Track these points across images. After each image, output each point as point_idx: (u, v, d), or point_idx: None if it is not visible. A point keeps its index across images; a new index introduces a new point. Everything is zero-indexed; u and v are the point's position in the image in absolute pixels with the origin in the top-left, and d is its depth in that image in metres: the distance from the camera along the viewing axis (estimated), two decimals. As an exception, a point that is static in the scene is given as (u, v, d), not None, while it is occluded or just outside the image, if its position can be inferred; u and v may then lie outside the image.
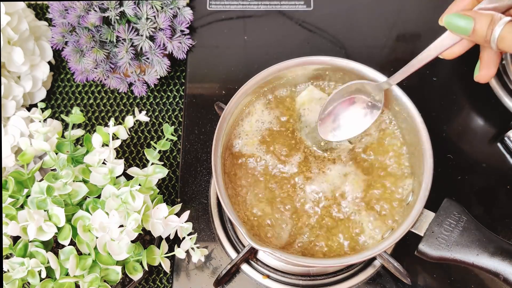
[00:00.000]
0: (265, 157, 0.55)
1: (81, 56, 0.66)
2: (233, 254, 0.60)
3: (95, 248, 0.48)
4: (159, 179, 0.55)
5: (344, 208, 0.52)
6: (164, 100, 0.71)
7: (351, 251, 0.51)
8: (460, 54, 0.44)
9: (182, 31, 0.69)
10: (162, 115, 0.70)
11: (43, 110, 0.53)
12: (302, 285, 0.58)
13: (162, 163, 0.55)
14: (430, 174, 0.49)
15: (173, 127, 0.55)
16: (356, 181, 0.53)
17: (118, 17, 0.64)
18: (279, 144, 0.55)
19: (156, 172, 0.54)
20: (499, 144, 0.65)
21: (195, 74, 0.71)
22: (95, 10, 0.64)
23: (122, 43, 0.65)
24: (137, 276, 0.51)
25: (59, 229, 0.49)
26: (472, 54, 0.68)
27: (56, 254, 0.49)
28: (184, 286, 0.59)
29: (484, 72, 0.42)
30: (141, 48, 0.65)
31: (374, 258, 0.59)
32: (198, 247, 0.52)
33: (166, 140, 0.54)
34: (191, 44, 0.69)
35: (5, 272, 0.47)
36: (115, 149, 0.52)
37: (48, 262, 0.48)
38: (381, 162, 0.54)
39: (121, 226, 0.48)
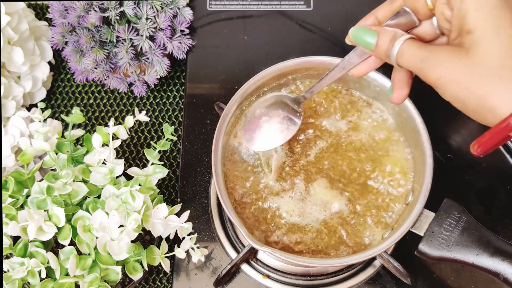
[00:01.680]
0: (266, 158, 0.55)
1: (81, 56, 0.66)
2: (233, 254, 0.60)
3: (95, 248, 0.48)
4: (159, 179, 0.55)
5: (344, 208, 0.52)
6: (164, 100, 0.71)
7: (351, 250, 0.51)
8: (366, 73, 0.45)
9: (182, 31, 0.69)
10: (162, 115, 0.70)
11: (43, 110, 0.53)
12: (302, 285, 0.58)
13: (162, 163, 0.55)
14: (430, 174, 0.49)
15: (173, 127, 0.55)
16: (356, 181, 0.53)
17: (118, 17, 0.64)
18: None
19: (156, 172, 0.54)
20: (499, 144, 0.65)
21: (195, 74, 0.71)
22: (95, 10, 0.64)
23: (122, 43, 0.65)
24: (137, 276, 0.51)
25: (59, 229, 0.49)
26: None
27: (56, 254, 0.49)
28: (184, 286, 0.59)
29: (396, 94, 0.43)
30: (141, 48, 0.65)
31: (374, 258, 0.59)
32: (198, 247, 0.52)
33: (166, 140, 0.54)
34: (191, 44, 0.69)
35: (5, 272, 0.47)
36: (115, 149, 0.52)
37: (48, 262, 0.48)
38: (380, 162, 0.54)
39: (121, 226, 0.48)
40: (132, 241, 0.49)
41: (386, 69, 0.55)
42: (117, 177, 0.54)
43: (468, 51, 0.35)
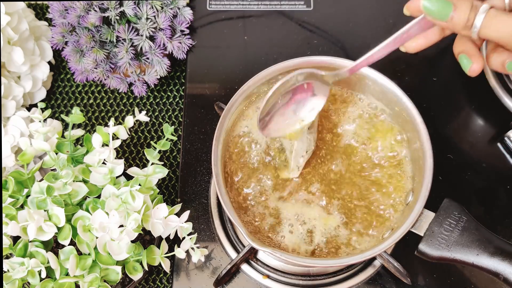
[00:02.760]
0: (266, 158, 0.55)
1: (81, 56, 0.66)
2: (233, 254, 0.60)
3: (95, 248, 0.48)
4: (159, 179, 0.55)
5: (345, 209, 0.52)
6: (164, 100, 0.71)
7: (352, 250, 0.51)
8: (425, 47, 0.41)
9: (182, 31, 0.69)
10: (162, 115, 0.70)
11: (43, 110, 0.53)
12: (302, 285, 0.58)
13: (162, 163, 0.55)
14: (430, 174, 0.49)
15: (173, 127, 0.55)
16: (355, 181, 0.53)
17: (118, 17, 0.64)
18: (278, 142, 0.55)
19: (156, 172, 0.54)
20: (499, 144, 0.65)
21: (195, 74, 0.71)
22: (95, 10, 0.64)
23: (122, 43, 0.65)
24: (137, 276, 0.51)
25: (59, 229, 0.49)
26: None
27: (56, 254, 0.49)
28: (184, 286, 0.59)
29: (476, 65, 0.41)
30: (141, 48, 0.65)
31: (374, 258, 0.59)
32: (198, 247, 0.52)
33: (166, 140, 0.54)
34: (191, 44, 0.69)
35: (5, 272, 0.47)
36: (115, 149, 0.52)
37: (48, 262, 0.48)
38: (380, 162, 0.54)
39: (121, 226, 0.48)
40: (132, 241, 0.49)
41: (384, 69, 0.55)
42: (117, 177, 0.54)
43: None
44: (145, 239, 0.57)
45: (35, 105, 0.69)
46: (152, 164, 0.54)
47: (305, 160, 0.53)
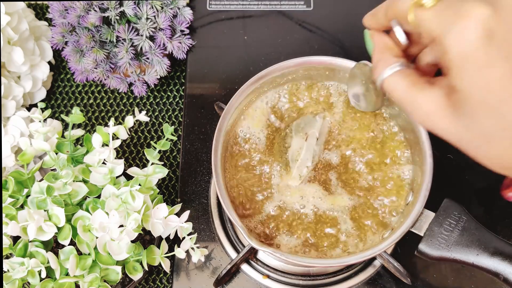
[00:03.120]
0: (266, 158, 0.55)
1: (81, 56, 0.66)
2: (233, 254, 0.60)
3: (95, 248, 0.48)
4: (159, 179, 0.55)
5: (346, 209, 0.52)
6: (164, 100, 0.71)
7: (352, 250, 0.51)
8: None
9: (182, 31, 0.69)
10: (162, 115, 0.70)
11: (43, 110, 0.53)
12: (302, 285, 0.58)
13: (162, 163, 0.55)
14: (430, 174, 0.49)
15: (173, 127, 0.55)
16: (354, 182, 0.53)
17: (118, 17, 0.64)
18: (279, 144, 0.55)
19: (156, 172, 0.54)
20: (499, 144, 0.65)
21: (195, 74, 0.71)
22: (95, 10, 0.64)
23: (122, 43, 0.65)
24: (137, 276, 0.51)
25: (59, 229, 0.49)
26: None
27: (56, 254, 0.49)
28: (184, 286, 0.59)
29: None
30: (141, 48, 0.65)
31: (374, 258, 0.59)
32: (198, 247, 0.52)
33: (166, 140, 0.54)
34: (191, 44, 0.69)
35: (5, 272, 0.47)
36: (115, 149, 0.52)
37: (48, 262, 0.48)
38: (380, 162, 0.54)
39: (121, 226, 0.48)
40: (132, 241, 0.49)
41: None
42: (117, 177, 0.54)
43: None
44: (145, 239, 0.57)
45: (35, 105, 0.69)
46: (152, 164, 0.54)
47: (309, 171, 0.53)
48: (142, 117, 0.54)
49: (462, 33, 0.28)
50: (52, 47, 0.68)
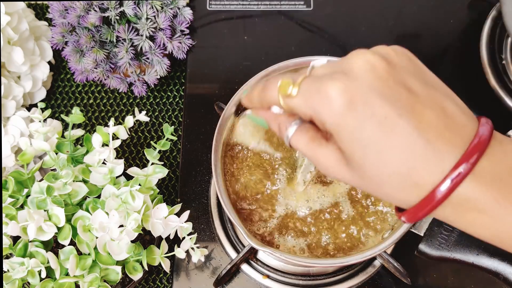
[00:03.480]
0: (266, 157, 0.55)
1: (81, 56, 0.66)
2: (233, 254, 0.60)
3: (95, 248, 0.48)
4: (159, 179, 0.55)
5: (344, 210, 0.52)
6: (164, 100, 0.71)
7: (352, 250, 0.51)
8: None
9: (182, 31, 0.69)
10: (162, 115, 0.70)
11: (43, 110, 0.53)
12: (302, 285, 0.58)
13: (162, 163, 0.55)
14: (430, 174, 0.49)
15: (173, 127, 0.55)
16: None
17: (118, 17, 0.64)
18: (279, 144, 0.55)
19: (156, 172, 0.54)
20: (499, 144, 0.65)
21: (195, 74, 0.71)
22: (95, 10, 0.64)
23: (122, 43, 0.65)
24: (137, 276, 0.51)
25: (59, 229, 0.49)
26: (472, 54, 0.68)
27: (56, 254, 0.49)
28: (184, 286, 0.59)
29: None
30: (141, 48, 0.65)
31: (374, 258, 0.59)
32: (198, 247, 0.52)
33: (166, 140, 0.54)
34: (191, 44, 0.69)
35: (5, 272, 0.47)
36: (115, 149, 0.52)
37: (48, 262, 0.48)
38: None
39: (121, 226, 0.48)
40: (132, 241, 0.49)
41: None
42: (117, 177, 0.54)
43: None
44: (145, 239, 0.57)
45: (35, 105, 0.69)
46: (152, 164, 0.54)
47: (313, 176, 0.53)
48: (142, 117, 0.54)
49: (328, 109, 0.32)
50: (52, 47, 0.68)
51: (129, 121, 0.54)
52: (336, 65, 0.34)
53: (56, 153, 0.53)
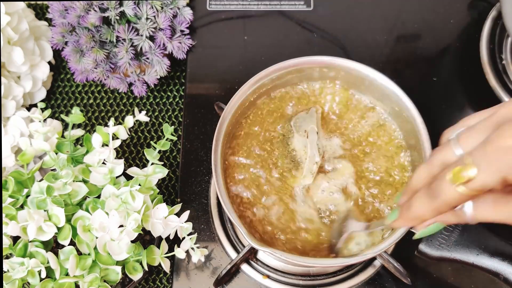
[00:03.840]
0: (266, 157, 0.55)
1: (81, 56, 0.66)
2: (233, 254, 0.60)
3: (95, 248, 0.48)
4: (159, 179, 0.55)
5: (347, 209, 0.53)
6: (164, 100, 0.71)
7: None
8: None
9: (182, 31, 0.69)
10: (162, 115, 0.70)
11: (43, 110, 0.53)
12: (302, 285, 0.58)
13: (162, 163, 0.55)
14: (430, 174, 0.49)
15: (173, 127, 0.55)
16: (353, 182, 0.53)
17: (118, 17, 0.64)
18: (282, 148, 0.55)
19: (156, 172, 0.54)
20: (499, 144, 0.65)
21: (195, 74, 0.71)
22: (95, 10, 0.64)
23: (122, 43, 0.65)
24: (137, 276, 0.51)
25: (59, 229, 0.49)
26: (472, 54, 0.68)
27: (56, 254, 0.49)
28: (184, 286, 0.59)
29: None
30: (141, 48, 0.65)
31: (374, 258, 0.59)
32: (198, 247, 0.52)
33: (166, 140, 0.54)
34: (191, 44, 0.69)
35: (5, 272, 0.47)
36: (115, 149, 0.52)
37: (48, 262, 0.48)
38: (380, 162, 0.54)
39: (121, 226, 0.48)
40: (132, 241, 0.49)
41: (384, 69, 0.55)
42: (117, 177, 0.54)
43: None
44: (145, 239, 0.57)
45: (35, 105, 0.69)
46: (152, 164, 0.54)
47: (318, 166, 0.53)
48: (142, 117, 0.54)
49: None
50: (52, 47, 0.68)
51: (129, 121, 0.54)
52: (490, 120, 0.33)
53: (56, 153, 0.53)
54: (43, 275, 0.47)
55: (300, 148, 0.53)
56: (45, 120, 0.53)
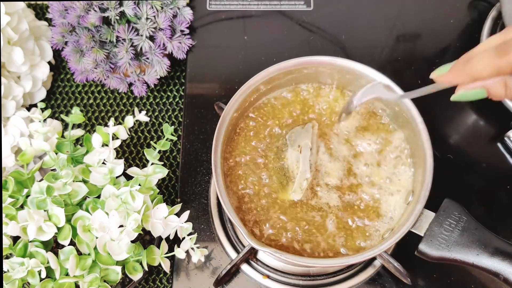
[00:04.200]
0: (265, 157, 0.55)
1: (81, 56, 0.66)
2: (233, 254, 0.60)
3: (95, 248, 0.48)
4: (159, 179, 0.55)
5: (347, 209, 0.52)
6: (164, 100, 0.71)
7: (351, 250, 0.51)
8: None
9: (182, 31, 0.69)
10: (162, 115, 0.70)
11: (43, 110, 0.53)
12: (302, 285, 0.58)
13: (162, 163, 0.55)
14: (430, 174, 0.49)
15: (173, 127, 0.55)
16: (353, 182, 0.53)
17: (118, 17, 0.64)
18: (278, 144, 0.55)
19: (156, 172, 0.54)
20: (499, 144, 0.65)
21: (195, 74, 0.71)
22: (95, 10, 0.64)
23: (122, 43, 0.65)
24: (137, 276, 0.51)
25: (59, 229, 0.49)
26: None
27: (56, 254, 0.49)
28: (184, 286, 0.59)
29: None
30: (141, 48, 0.65)
31: (374, 258, 0.59)
32: (198, 247, 0.52)
33: (166, 140, 0.54)
34: (191, 44, 0.69)
35: (5, 272, 0.47)
36: (115, 149, 0.52)
37: (48, 262, 0.48)
38: (380, 162, 0.54)
39: (121, 226, 0.48)
40: (132, 241, 0.49)
41: (384, 69, 0.55)
42: (117, 177, 0.54)
43: None
44: (145, 239, 0.57)
45: (35, 105, 0.69)
46: (152, 164, 0.54)
47: (308, 183, 0.52)
48: (142, 117, 0.54)
49: None
50: (52, 47, 0.68)
51: (129, 121, 0.54)
52: None
53: (56, 153, 0.53)
54: (43, 275, 0.47)
55: (293, 162, 0.53)
56: (45, 120, 0.53)
